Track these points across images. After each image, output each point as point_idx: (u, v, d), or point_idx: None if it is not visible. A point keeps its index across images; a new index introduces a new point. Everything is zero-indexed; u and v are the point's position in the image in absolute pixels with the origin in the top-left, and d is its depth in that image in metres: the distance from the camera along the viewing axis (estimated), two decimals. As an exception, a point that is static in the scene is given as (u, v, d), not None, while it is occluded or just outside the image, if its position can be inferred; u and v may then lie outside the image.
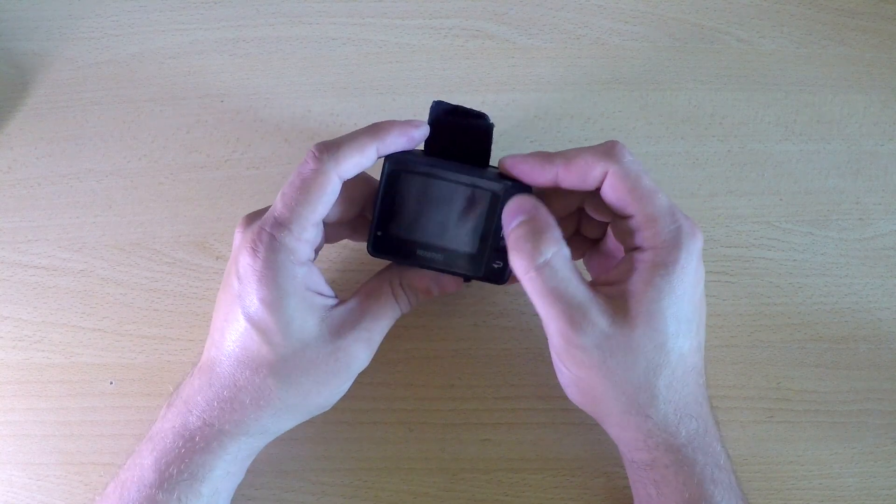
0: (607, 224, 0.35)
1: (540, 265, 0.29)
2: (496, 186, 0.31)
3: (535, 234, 0.29)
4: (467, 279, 0.34)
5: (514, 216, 0.30)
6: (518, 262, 0.29)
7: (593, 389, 0.30)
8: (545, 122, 0.43)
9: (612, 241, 0.35)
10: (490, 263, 0.33)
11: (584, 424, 0.39)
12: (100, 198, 0.43)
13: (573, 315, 0.28)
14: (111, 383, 0.40)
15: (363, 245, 0.36)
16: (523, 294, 0.40)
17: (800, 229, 0.42)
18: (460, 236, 0.32)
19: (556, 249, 0.29)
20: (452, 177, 0.31)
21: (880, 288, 0.41)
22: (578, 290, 0.29)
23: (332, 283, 0.33)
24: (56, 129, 0.44)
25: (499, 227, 0.32)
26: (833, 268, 0.42)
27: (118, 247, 0.42)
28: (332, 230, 0.34)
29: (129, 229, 0.42)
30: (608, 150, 0.30)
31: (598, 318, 0.29)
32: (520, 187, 0.31)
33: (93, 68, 0.44)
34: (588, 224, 0.35)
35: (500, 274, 0.33)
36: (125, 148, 0.43)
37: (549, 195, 0.34)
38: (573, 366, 0.30)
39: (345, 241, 0.41)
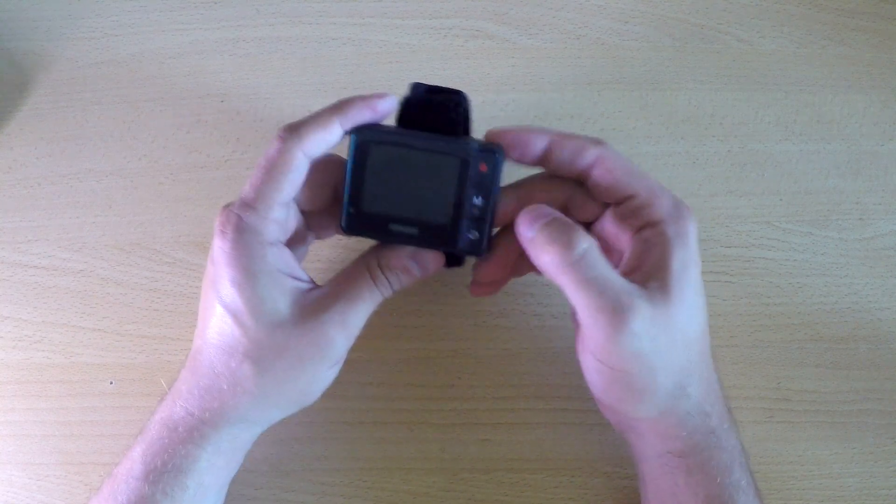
0: (590, 225, 0.35)
1: (578, 257, 0.28)
2: (465, 152, 0.30)
3: (565, 230, 0.29)
4: (449, 263, 0.34)
5: (533, 221, 0.30)
6: (553, 257, 0.28)
7: (639, 381, 0.29)
8: (545, 122, 0.43)
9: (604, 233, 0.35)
10: (466, 234, 0.32)
11: (584, 424, 0.39)
12: (100, 198, 0.43)
13: (620, 303, 0.28)
14: (111, 383, 0.40)
15: (359, 243, 0.36)
16: (524, 294, 0.41)
17: (800, 229, 0.42)
18: (433, 208, 0.31)
19: (591, 241, 0.29)
20: (420, 144, 0.31)
21: (880, 288, 0.41)
22: (618, 279, 0.28)
23: (323, 281, 0.33)
24: (56, 129, 0.44)
25: (471, 195, 0.31)
26: (833, 268, 0.41)
27: (118, 247, 0.42)
28: (316, 221, 0.34)
29: (129, 229, 0.42)
30: (599, 141, 0.32)
31: (643, 304, 0.28)
32: (490, 151, 0.31)
33: (93, 68, 0.44)
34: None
35: (478, 245, 0.32)
36: (125, 148, 0.43)
37: (535, 188, 0.33)
38: (620, 359, 0.29)
39: (339, 241, 0.41)
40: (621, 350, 0.28)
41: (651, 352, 0.28)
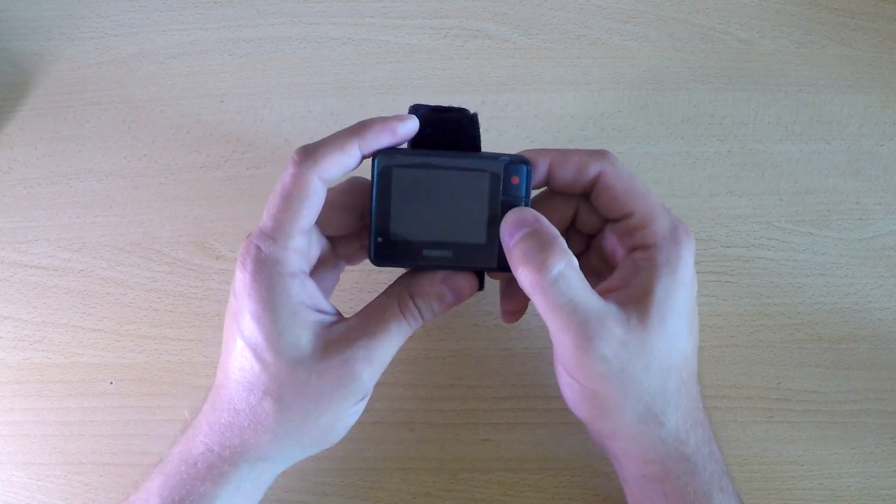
0: (591, 239, 0.34)
1: (553, 279, 0.27)
2: (494, 165, 0.30)
3: (542, 247, 0.28)
4: (481, 287, 0.32)
5: (515, 230, 0.29)
6: (528, 277, 0.28)
7: (607, 402, 0.29)
8: (545, 122, 0.43)
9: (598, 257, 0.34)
10: (502, 251, 0.30)
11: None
12: (100, 198, 0.43)
13: (591, 326, 0.27)
14: (111, 383, 0.40)
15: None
16: (523, 294, 0.40)
17: (800, 229, 0.42)
18: (467, 227, 0.30)
19: (567, 260, 0.28)
20: (447, 163, 0.30)
21: (880, 288, 0.41)
22: (592, 301, 0.28)
23: (342, 301, 0.32)
24: (56, 129, 0.44)
25: (505, 209, 0.30)
26: (833, 268, 0.41)
27: (118, 247, 0.42)
28: (344, 246, 0.33)
29: (129, 229, 0.42)
30: (602, 154, 0.31)
31: (615, 327, 0.28)
32: (519, 162, 0.30)
33: (93, 68, 0.44)
34: (574, 241, 0.35)
35: None
36: (125, 148, 0.43)
37: (542, 209, 0.32)
38: (587, 379, 0.29)
39: (366, 265, 0.40)
40: (589, 370, 0.28)
41: (620, 375, 0.28)
